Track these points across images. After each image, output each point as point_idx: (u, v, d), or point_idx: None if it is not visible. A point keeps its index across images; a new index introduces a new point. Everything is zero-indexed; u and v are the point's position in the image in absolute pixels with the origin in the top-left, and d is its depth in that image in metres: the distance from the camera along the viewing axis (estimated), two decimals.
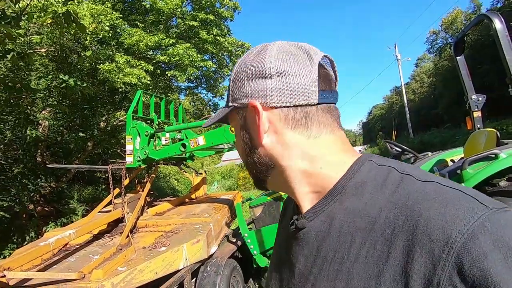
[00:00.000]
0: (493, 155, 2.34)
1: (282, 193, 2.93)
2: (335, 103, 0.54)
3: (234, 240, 3.37)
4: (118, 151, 9.98)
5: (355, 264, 0.43)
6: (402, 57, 23.50)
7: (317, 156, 0.51)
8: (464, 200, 0.39)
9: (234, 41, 8.62)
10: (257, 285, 3.55)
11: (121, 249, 2.61)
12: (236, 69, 0.56)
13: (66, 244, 2.83)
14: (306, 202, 0.53)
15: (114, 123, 9.25)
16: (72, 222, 7.15)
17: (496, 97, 9.13)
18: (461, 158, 2.97)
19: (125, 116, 9.59)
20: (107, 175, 3.55)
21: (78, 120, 8.40)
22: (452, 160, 3.19)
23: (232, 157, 21.33)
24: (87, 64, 6.72)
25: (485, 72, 15.19)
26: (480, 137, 2.85)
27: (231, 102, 0.56)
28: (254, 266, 3.08)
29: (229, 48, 8.59)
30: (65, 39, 6.10)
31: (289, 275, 0.57)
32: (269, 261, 3.04)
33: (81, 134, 8.10)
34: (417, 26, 63.15)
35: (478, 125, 3.04)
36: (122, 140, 10.62)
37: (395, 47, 23.19)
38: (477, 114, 3.07)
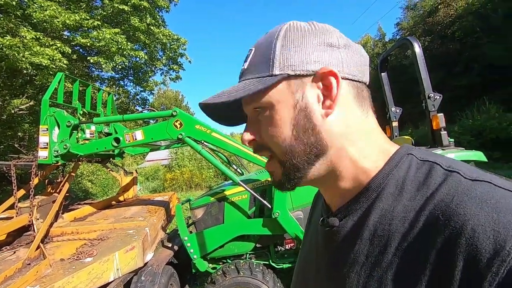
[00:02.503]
0: None
1: (227, 194, 2.83)
2: None
3: (170, 244, 3.12)
4: (16, 145, 8.25)
5: (388, 271, 0.39)
6: None
7: (370, 139, 0.48)
8: None
9: (170, 33, 8.07)
10: None
11: (29, 264, 2.13)
12: (287, 34, 0.45)
13: None
14: (338, 197, 0.49)
15: (12, 112, 7.61)
16: None
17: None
18: None
19: (27, 105, 8.05)
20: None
21: None
22: None
23: (158, 157, 19.94)
24: None
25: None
26: (398, 143, 3.31)
27: (279, 69, 0.44)
28: (193, 271, 2.89)
29: (164, 41, 8.02)
30: None
31: (315, 274, 0.54)
32: (209, 265, 2.92)
33: None
34: None
35: (396, 134, 3.54)
36: (20, 133, 8.83)
37: None
38: (395, 124, 3.56)
